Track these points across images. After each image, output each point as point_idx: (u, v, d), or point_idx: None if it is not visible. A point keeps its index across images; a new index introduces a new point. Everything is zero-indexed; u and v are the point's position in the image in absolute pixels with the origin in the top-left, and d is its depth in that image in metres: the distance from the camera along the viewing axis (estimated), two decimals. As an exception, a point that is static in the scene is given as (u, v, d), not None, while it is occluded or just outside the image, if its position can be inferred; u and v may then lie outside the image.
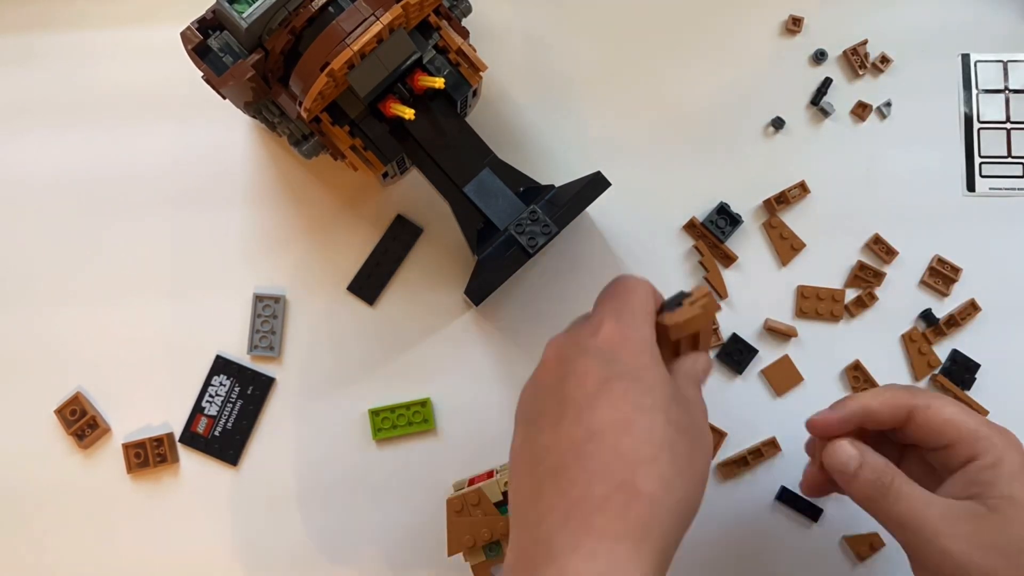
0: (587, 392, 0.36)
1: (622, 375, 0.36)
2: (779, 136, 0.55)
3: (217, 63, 0.45)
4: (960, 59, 0.56)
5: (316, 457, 0.53)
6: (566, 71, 0.56)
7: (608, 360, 0.37)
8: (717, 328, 0.53)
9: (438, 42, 0.47)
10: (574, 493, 0.34)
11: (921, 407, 0.41)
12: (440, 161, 0.48)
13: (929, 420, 0.40)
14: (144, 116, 0.55)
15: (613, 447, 0.35)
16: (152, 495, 0.52)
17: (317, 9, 0.43)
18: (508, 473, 0.39)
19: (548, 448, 0.36)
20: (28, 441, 0.52)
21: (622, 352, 0.37)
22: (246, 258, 0.54)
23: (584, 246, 0.54)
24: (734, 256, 0.54)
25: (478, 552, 0.47)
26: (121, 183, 0.54)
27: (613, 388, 0.36)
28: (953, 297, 0.54)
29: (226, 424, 0.52)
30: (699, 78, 0.56)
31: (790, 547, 0.52)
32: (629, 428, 0.35)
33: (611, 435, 0.35)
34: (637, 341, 0.38)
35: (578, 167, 0.54)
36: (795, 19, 0.56)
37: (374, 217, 0.54)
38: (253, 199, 0.54)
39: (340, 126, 0.46)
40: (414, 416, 0.52)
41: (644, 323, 0.38)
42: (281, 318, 0.53)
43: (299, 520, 0.52)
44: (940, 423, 0.40)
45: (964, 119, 0.56)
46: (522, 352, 0.53)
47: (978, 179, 0.55)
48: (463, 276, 0.54)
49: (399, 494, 0.52)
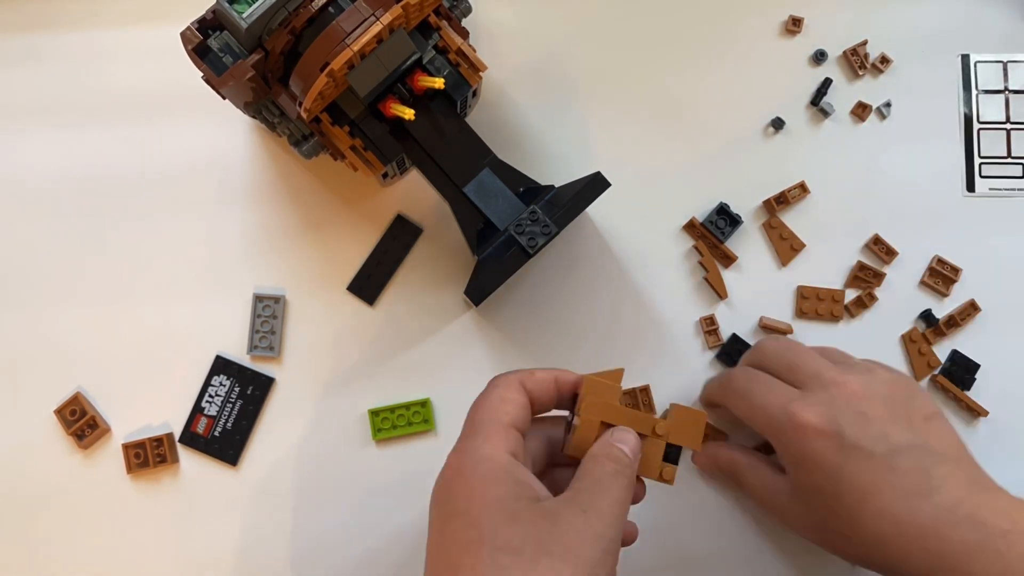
0: (432, 544, 0.37)
1: (452, 515, 0.37)
2: (779, 136, 0.55)
3: (217, 63, 0.45)
4: (960, 59, 0.56)
5: (316, 457, 0.53)
6: (566, 71, 0.56)
7: (443, 502, 0.38)
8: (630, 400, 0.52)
9: (438, 42, 0.47)
10: None
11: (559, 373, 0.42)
12: (440, 161, 0.48)
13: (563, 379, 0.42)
14: (143, 116, 0.55)
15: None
16: (152, 495, 0.52)
17: (317, 9, 0.43)
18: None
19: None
20: (28, 441, 0.52)
21: (456, 487, 0.37)
22: (246, 258, 0.54)
23: (584, 246, 0.54)
24: (734, 256, 0.54)
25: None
26: (120, 183, 0.54)
27: (445, 533, 0.36)
28: (953, 297, 0.54)
29: (226, 424, 0.52)
30: (699, 78, 0.56)
31: (790, 547, 0.52)
32: (457, 571, 0.35)
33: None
34: (468, 469, 0.37)
35: (578, 167, 0.54)
36: (795, 19, 0.56)
37: (374, 217, 0.54)
38: (253, 199, 0.54)
39: (340, 126, 0.46)
40: (414, 416, 0.52)
41: (484, 443, 0.38)
42: (281, 318, 0.53)
43: (299, 520, 0.52)
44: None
45: (964, 119, 0.56)
46: (522, 352, 0.53)
47: (978, 179, 0.55)
48: (463, 276, 0.54)
49: (399, 494, 0.52)
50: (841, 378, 0.44)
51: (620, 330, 0.54)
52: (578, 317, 0.54)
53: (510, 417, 0.39)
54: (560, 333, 0.53)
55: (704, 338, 0.54)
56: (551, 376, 0.41)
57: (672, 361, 0.53)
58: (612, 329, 0.54)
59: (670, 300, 0.54)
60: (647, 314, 0.54)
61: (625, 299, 0.54)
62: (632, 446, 0.39)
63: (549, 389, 0.41)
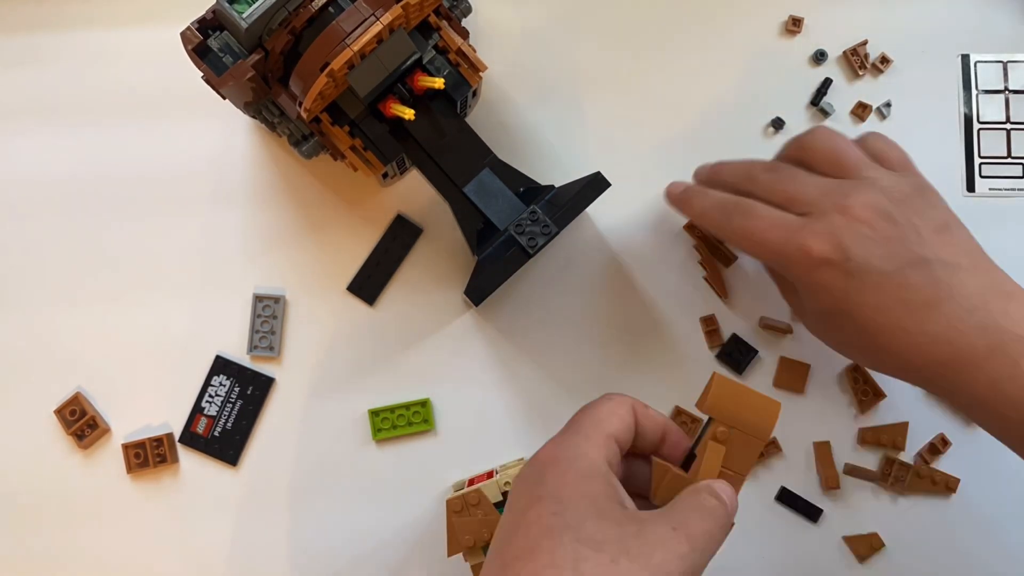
0: (512, 522, 0.37)
1: (541, 498, 0.36)
2: (779, 136, 0.55)
3: (217, 63, 0.45)
4: (960, 59, 0.56)
5: (316, 457, 0.53)
6: (566, 71, 0.56)
7: (533, 484, 0.37)
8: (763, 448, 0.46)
9: (438, 42, 0.47)
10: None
11: None
12: (440, 161, 0.48)
13: None
14: (143, 117, 0.55)
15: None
16: (152, 495, 0.52)
17: (317, 9, 0.43)
18: None
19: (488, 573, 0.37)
20: (28, 441, 0.52)
21: (549, 473, 0.37)
22: (246, 258, 0.54)
23: (584, 246, 0.54)
24: (733, 257, 0.54)
25: (478, 552, 0.47)
26: (120, 183, 0.54)
27: (529, 514, 0.36)
28: (953, 297, 0.54)
29: (226, 424, 0.52)
30: (699, 78, 0.56)
31: (790, 547, 0.52)
32: (532, 555, 0.34)
33: (517, 564, 0.35)
34: (565, 460, 0.37)
35: (578, 167, 0.54)
36: (795, 19, 0.56)
37: (374, 217, 0.54)
38: (253, 199, 0.54)
39: (340, 126, 0.46)
40: (414, 416, 0.52)
41: (585, 442, 0.38)
42: (281, 318, 0.53)
43: (299, 520, 0.52)
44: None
45: (964, 120, 0.56)
46: (522, 352, 0.53)
47: (978, 179, 0.55)
48: (463, 276, 0.54)
49: (399, 494, 0.52)
50: (846, 201, 0.43)
51: (620, 330, 0.54)
52: (578, 317, 0.54)
53: (615, 429, 0.38)
54: (560, 333, 0.53)
55: (704, 338, 0.54)
56: (662, 421, 0.40)
57: (672, 361, 0.53)
58: (612, 329, 0.54)
59: (670, 300, 0.54)
60: (647, 314, 0.54)
61: (625, 299, 0.54)
62: (734, 502, 0.37)
63: (654, 431, 0.40)
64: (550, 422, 0.52)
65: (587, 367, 0.53)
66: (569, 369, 0.53)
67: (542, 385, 0.53)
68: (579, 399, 0.53)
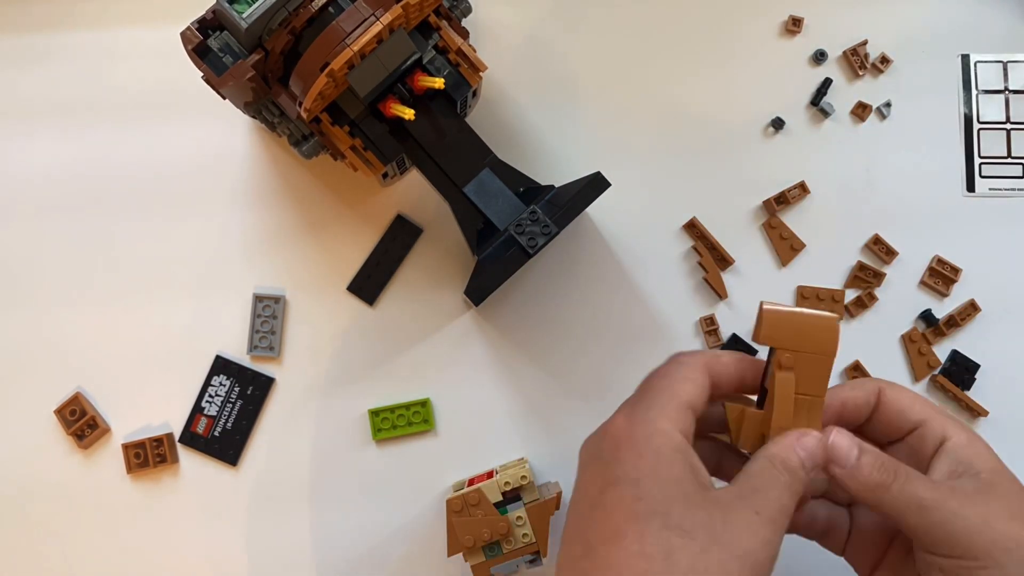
0: (588, 502, 0.36)
1: (618, 480, 0.35)
2: (779, 136, 0.55)
3: (217, 63, 0.45)
4: (960, 59, 0.56)
5: (316, 457, 0.53)
6: (566, 71, 0.56)
7: (608, 463, 0.36)
8: None
9: (438, 42, 0.47)
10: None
11: (886, 387, 0.40)
12: (440, 161, 0.48)
13: (899, 399, 0.39)
14: (143, 117, 0.55)
15: (604, 562, 0.34)
16: (152, 495, 0.52)
17: (317, 9, 0.43)
18: None
19: (560, 566, 0.36)
20: (28, 441, 0.52)
21: (625, 452, 0.36)
22: (246, 258, 0.54)
23: (584, 246, 0.54)
24: (731, 259, 0.54)
25: (478, 552, 0.47)
26: (120, 183, 0.54)
27: (607, 496, 0.35)
28: (953, 297, 0.54)
29: (226, 424, 0.52)
30: (699, 78, 0.56)
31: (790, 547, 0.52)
32: (619, 540, 0.33)
33: (602, 549, 0.34)
34: (641, 439, 0.36)
35: (578, 167, 0.54)
36: (795, 19, 0.56)
37: (374, 217, 0.54)
38: (253, 199, 0.54)
39: (340, 126, 0.46)
40: (414, 416, 0.52)
41: (660, 415, 0.36)
42: (281, 318, 0.53)
43: (299, 520, 0.52)
44: (910, 401, 0.39)
45: (964, 119, 0.56)
46: (522, 352, 0.53)
47: (978, 179, 0.55)
48: (463, 276, 0.54)
49: (399, 494, 0.52)
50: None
51: (620, 330, 0.54)
52: (578, 317, 0.54)
53: (689, 396, 0.37)
54: (560, 333, 0.53)
55: (704, 338, 0.54)
56: (736, 367, 0.39)
57: (672, 361, 0.53)
58: (612, 329, 0.54)
59: (670, 300, 0.54)
60: (647, 314, 0.54)
61: (625, 299, 0.54)
62: (814, 455, 0.36)
63: (730, 380, 0.39)
64: (550, 422, 0.53)
65: (587, 367, 0.53)
66: (569, 369, 0.53)
67: (542, 385, 0.53)
68: (579, 399, 0.53)
